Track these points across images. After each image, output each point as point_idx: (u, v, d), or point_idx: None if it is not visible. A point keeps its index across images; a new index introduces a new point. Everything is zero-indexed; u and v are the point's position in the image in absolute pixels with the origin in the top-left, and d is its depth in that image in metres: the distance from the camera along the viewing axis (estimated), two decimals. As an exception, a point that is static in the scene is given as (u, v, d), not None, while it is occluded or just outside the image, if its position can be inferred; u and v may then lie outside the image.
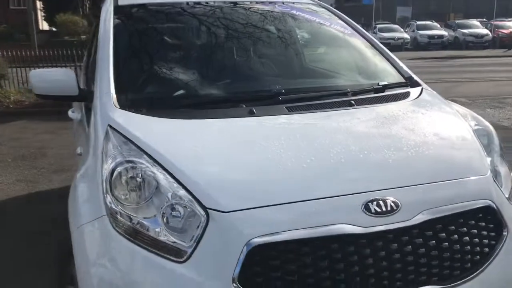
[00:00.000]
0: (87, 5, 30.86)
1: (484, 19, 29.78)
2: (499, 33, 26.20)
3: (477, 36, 26.26)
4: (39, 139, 6.81)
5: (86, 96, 2.40)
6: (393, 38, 26.00)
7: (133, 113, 1.90)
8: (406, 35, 27.36)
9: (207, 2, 2.77)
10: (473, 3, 38.04)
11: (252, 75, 2.38)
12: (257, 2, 2.83)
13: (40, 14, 32.47)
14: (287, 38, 2.69)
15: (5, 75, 10.20)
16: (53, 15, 27.60)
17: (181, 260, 1.45)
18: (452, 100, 3.38)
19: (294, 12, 2.88)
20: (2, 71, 10.05)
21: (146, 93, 2.16)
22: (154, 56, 2.42)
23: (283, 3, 2.92)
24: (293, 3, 2.95)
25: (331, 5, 3.11)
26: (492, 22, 27.63)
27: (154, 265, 1.46)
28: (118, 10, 2.61)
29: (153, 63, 2.39)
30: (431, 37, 26.79)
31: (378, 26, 28.06)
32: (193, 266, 1.43)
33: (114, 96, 2.01)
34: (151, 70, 2.33)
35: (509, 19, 30.19)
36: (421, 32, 27.25)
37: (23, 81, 10.85)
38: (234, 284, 1.39)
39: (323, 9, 3.03)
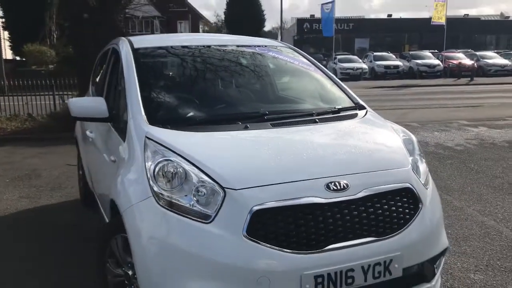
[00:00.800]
0: (55, 36, 31.27)
1: (436, 51, 31.92)
2: (449, 63, 28.22)
3: (430, 66, 28.19)
4: (29, 162, 7.34)
5: (113, 118, 3.15)
6: (352, 68, 27.60)
7: (162, 128, 2.66)
8: (364, 66, 29.04)
9: (202, 46, 3.61)
10: (426, 35, 40.49)
11: (246, 102, 3.21)
12: (243, 46, 3.69)
13: (4, 44, 32.40)
14: (265, 75, 3.56)
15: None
16: (19, 45, 27.88)
17: (207, 222, 2.19)
18: (405, 125, 4.33)
19: (271, 53, 3.76)
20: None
21: (169, 114, 2.92)
22: (171, 85, 3.22)
23: (265, 46, 3.81)
24: (270, 46, 3.83)
25: (293, 37, 4.03)
26: (443, 53, 29.70)
27: (190, 225, 2.20)
28: (135, 51, 3.38)
29: (171, 91, 3.17)
30: (387, 67, 28.56)
31: (338, 57, 29.69)
32: (215, 225, 2.18)
33: (145, 117, 2.77)
34: (170, 97, 3.11)
35: (458, 50, 32.53)
36: (378, 62, 29.02)
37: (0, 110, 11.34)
38: (244, 236, 2.15)
39: (292, 50, 3.92)
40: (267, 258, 2.14)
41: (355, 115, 3.15)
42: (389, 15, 46.43)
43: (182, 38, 4.24)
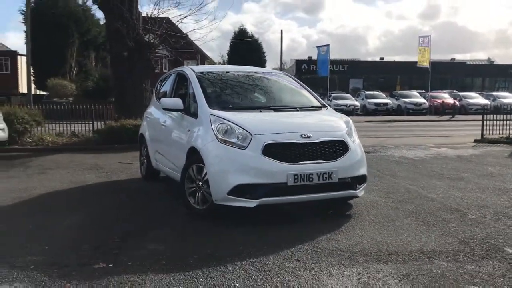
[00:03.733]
0: (74, 72, 34.32)
1: (423, 91, 34.93)
2: (434, 102, 31.11)
3: (416, 104, 31.09)
4: (89, 161, 9.83)
5: (185, 109, 5.73)
6: (345, 105, 30.46)
7: (216, 110, 5.23)
8: (356, 103, 31.95)
9: (235, 71, 6.29)
10: (415, 77, 43.71)
11: (262, 101, 5.85)
12: (258, 72, 6.41)
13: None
14: (271, 87, 6.22)
15: (41, 123, 13.28)
16: (42, 80, 30.81)
17: (244, 149, 4.71)
18: (382, 146, 6.89)
19: (275, 77, 6.51)
20: (40, 119, 13.12)
21: (220, 104, 5.47)
22: (219, 91, 5.84)
23: (270, 73, 6.54)
24: (274, 73, 6.56)
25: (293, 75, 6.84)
26: (428, 93, 32.66)
27: (236, 150, 4.71)
28: (196, 74, 6.00)
29: (220, 93, 5.79)
30: (377, 104, 31.49)
31: (333, 94, 32.73)
32: (248, 150, 4.67)
33: (207, 105, 5.34)
34: (220, 96, 5.72)
35: (444, 91, 35.55)
36: (369, 100, 31.96)
37: (52, 129, 13.94)
38: (261, 154, 4.66)
39: (287, 76, 6.61)
40: (271, 164, 4.65)
41: (320, 109, 5.79)
42: (381, 58, 50.05)
43: (223, 66, 6.94)
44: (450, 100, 30.59)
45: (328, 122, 5.40)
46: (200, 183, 5.06)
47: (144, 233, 4.62)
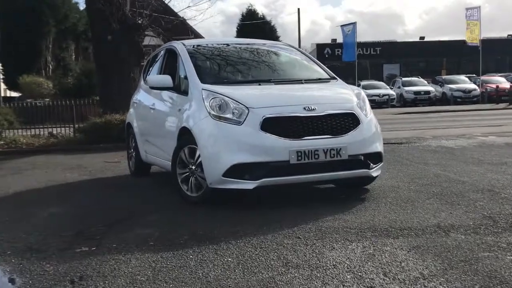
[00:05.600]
0: (50, 67, 35.24)
1: (473, 75, 35.12)
2: (487, 87, 31.31)
3: (465, 91, 31.36)
4: (71, 162, 10.39)
5: (175, 87, 6.22)
6: (377, 95, 30.84)
7: (208, 85, 5.71)
8: (391, 92, 32.34)
9: (225, 44, 6.86)
10: (465, 60, 43.88)
11: (261, 74, 6.36)
12: (263, 44, 7.11)
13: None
14: (275, 59, 6.75)
15: (14, 123, 13.96)
16: (15, 77, 31.69)
17: (240, 124, 5.17)
18: (419, 137, 7.38)
19: (279, 49, 7.10)
20: (11, 119, 13.80)
21: (211, 78, 5.97)
22: (212, 63, 6.34)
23: (275, 45, 7.18)
24: (278, 45, 7.12)
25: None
26: (480, 78, 32.84)
27: (231, 127, 5.18)
28: (187, 48, 6.50)
29: (214, 67, 6.29)
30: (417, 92, 31.83)
31: (362, 83, 33.10)
32: (244, 125, 5.13)
33: (199, 80, 5.83)
34: (214, 70, 6.23)
35: (499, 74, 35.67)
36: (406, 88, 32.30)
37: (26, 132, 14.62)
38: (259, 129, 5.11)
39: (293, 48, 7.11)
40: (271, 141, 5.11)
41: (328, 81, 6.28)
42: (422, 38, 50.19)
43: (222, 39, 7.49)
44: (506, 85, 30.76)
45: (336, 94, 5.89)
46: (193, 167, 5.54)
47: (132, 219, 5.12)
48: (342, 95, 5.85)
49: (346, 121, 5.43)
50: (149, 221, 5.05)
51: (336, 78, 6.46)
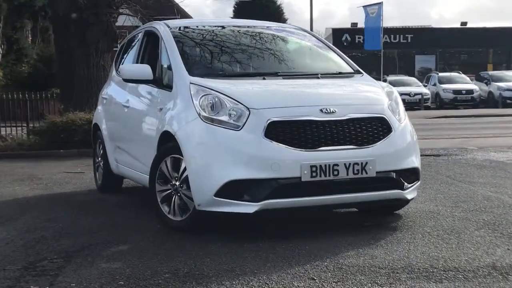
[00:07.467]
0: (1, 51, 35.07)
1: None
2: (545, 86, 31.18)
3: (516, 90, 31.18)
4: (22, 171, 10.28)
5: (157, 80, 6.05)
6: (408, 94, 30.69)
7: (198, 78, 5.54)
8: (425, 90, 32.27)
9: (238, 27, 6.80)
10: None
11: (267, 65, 6.24)
12: (267, 27, 6.98)
13: None
14: (284, 47, 6.62)
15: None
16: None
17: (238, 130, 4.99)
18: (461, 148, 7.15)
19: (289, 34, 6.97)
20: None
21: (202, 69, 5.81)
22: (203, 51, 6.17)
23: (284, 29, 7.01)
24: (289, 29, 7.10)
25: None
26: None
27: (227, 132, 5.00)
28: (172, 30, 6.33)
29: (206, 56, 6.11)
30: (457, 92, 31.71)
31: (389, 78, 32.96)
32: (244, 131, 4.96)
33: (186, 72, 5.65)
34: (206, 59, 6.05)
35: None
36: (444, 86, 32.21)
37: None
38: (263, 137, 4.93)
39: (306, 33, 6.97)
40: (278, 151, 4.93)
41: (351, 76, 6.12)
42: (463, 24, 50.13)
43: (216, 20, 7.37)
44: None
45: (362, 93, 5.75)
46: (177, 183, 5.36)
47: (96, 249, 4.94)
48: (369, 94, 5.71)
49: (375, 128, 5.26)
50: (119, 252, 4.87)
51: (361, 72, 6.31)
